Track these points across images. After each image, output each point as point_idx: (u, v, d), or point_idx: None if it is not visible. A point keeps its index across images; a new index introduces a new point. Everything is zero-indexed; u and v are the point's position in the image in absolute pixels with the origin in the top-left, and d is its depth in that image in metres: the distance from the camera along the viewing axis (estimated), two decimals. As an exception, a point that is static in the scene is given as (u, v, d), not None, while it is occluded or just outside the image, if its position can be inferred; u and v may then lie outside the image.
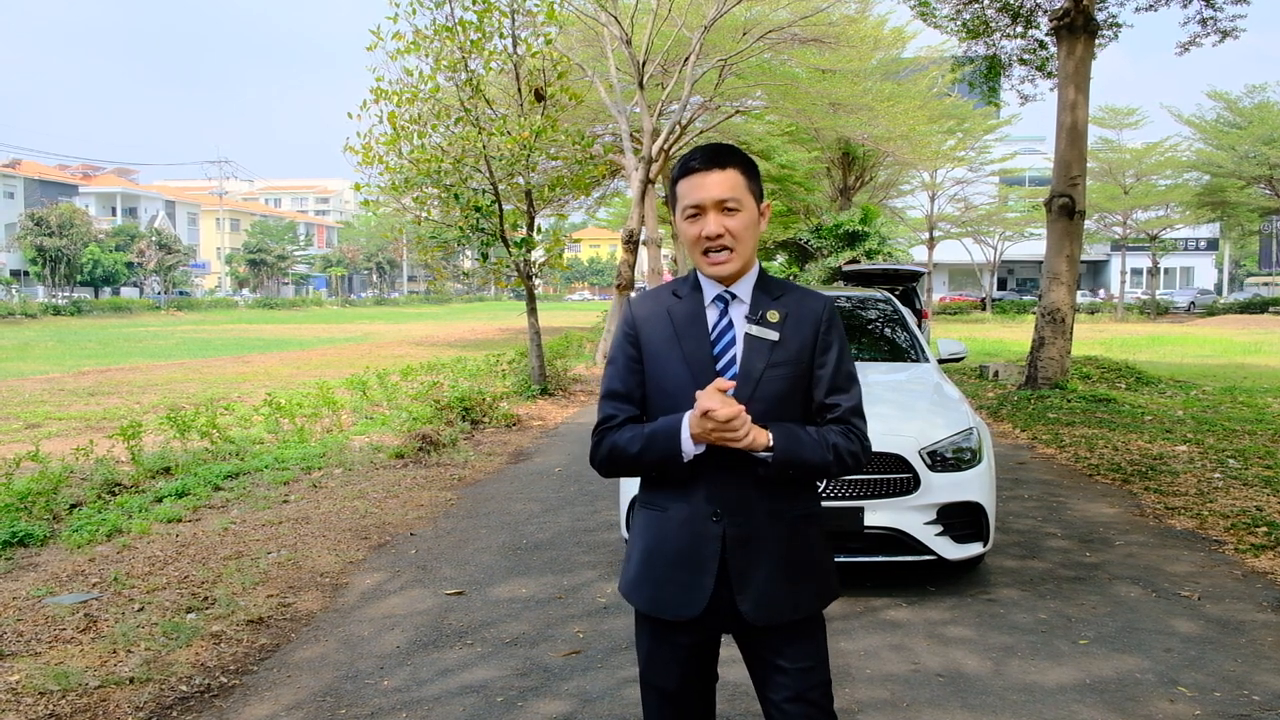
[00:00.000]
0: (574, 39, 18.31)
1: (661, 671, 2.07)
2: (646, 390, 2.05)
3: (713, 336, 2.00)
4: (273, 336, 30.23)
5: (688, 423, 1.90)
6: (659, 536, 2.02)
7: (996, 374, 14.92)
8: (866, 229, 29.16)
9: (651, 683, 2.10)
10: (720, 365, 1.98)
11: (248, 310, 59.20)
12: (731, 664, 3.77)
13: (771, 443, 1.89)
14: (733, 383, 1.90)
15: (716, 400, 1.84)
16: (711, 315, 2.03)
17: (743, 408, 1.86)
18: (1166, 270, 59.65)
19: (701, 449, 1.91)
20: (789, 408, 1.98)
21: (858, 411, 2.02)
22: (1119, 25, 14.02)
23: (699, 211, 1.97)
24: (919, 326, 8.83)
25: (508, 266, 12.25)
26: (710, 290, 2.04)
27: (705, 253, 1.98)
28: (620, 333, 2.10)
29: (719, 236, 1.95)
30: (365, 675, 3.71)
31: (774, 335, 1.98)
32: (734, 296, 2.02)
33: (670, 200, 2.08)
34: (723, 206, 1.96)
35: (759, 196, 2.03)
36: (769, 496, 1.96)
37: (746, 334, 1.98)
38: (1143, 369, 15.03)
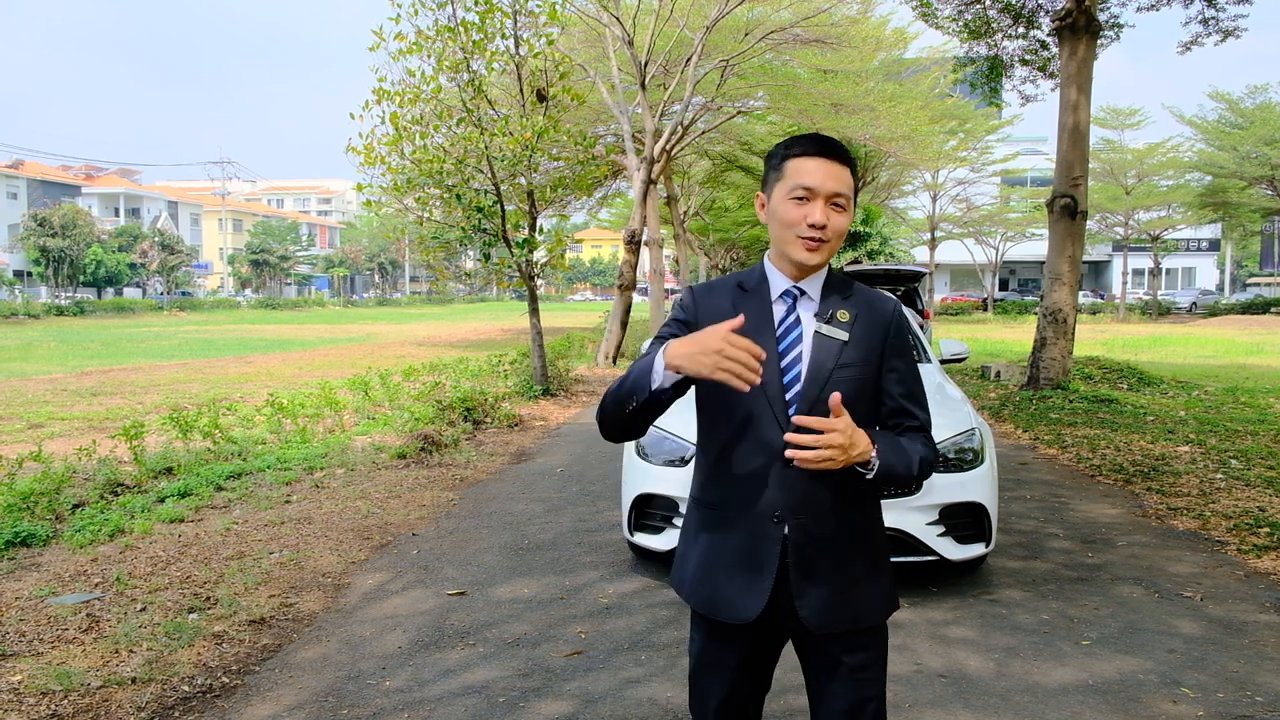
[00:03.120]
0: (576, 40, 18.31)
1: (713, 674, 2.02)
2: (703, 383, 1.94)
3: (778, 332, 1.95)
4: (275, 337, 30.25)
5: (663, 353, 1.79)
6: (717, 536, 1.97)
7: (998, 374, 14.91)
8: (868, 229, 29.18)
9: (700, 684, 2.05)
10: (785, 362, 1.93)
11: (250, 311, 59.24)
12: (733, 664, 3.77)
13: (877, 457, 1.86)
14: (836, 396, 1.81)
15: (728, 339, 1.72)
16: (778, 310, 1.96)
17: (845, 424, 1.80)
18: (1168, 271, 59.61)
19: (677, 377, 1.80)
20: (854, 410, 1.90)
21: (930, 423, 2.03)
22: (1121, 25, 14.04)
23: (809, 196, 1.91)
24: (921, 327, 8.84)
25: (510, 267, 12.26)
26: (778, 284, 1.98)
27: (805, 238, 1.92)
28: (674, 315, 2.02)
29: (823, 227, 1.90)
30: (367, 675, 3.71)
31: (844, 335, 1.93)
32: (802, 293, 1.97)
33: (768, 176, 2.00)
34: (833, 199, 1.92)
35: (855, 201, 2.01)
36: (835, 500, 1.92)
37: (816, 332, 1.93)
38: (1145, 369, 15.02)
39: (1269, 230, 55.47)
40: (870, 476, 1.87)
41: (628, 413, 1.89)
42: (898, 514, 4.48)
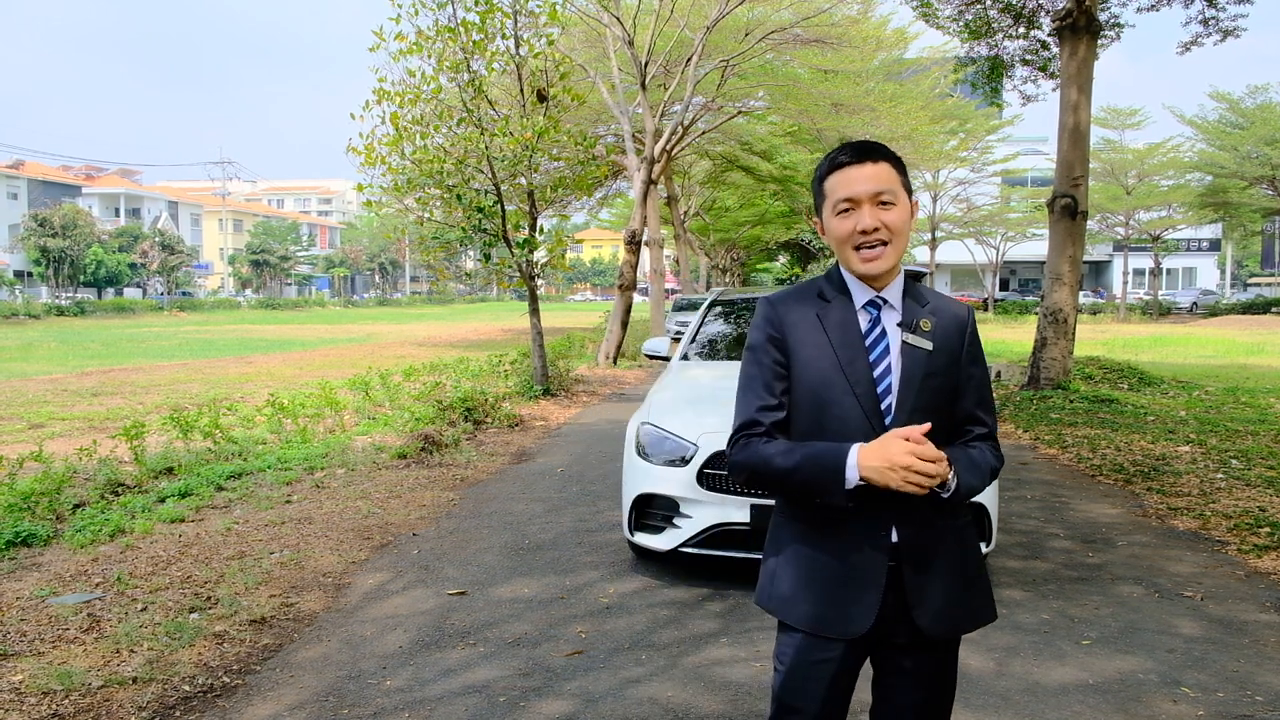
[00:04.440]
0: (576, 40, 18.32)
1: (805, 690, 1.98)
2: (794, 397, 1.96)
3: (866, 344, 1.94)
4: (275, 337, 30.26)
5: (856, 454, 1.82)
6: (818, 550, 1.95)
7: (999, 374, 14.90)
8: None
9: (789, 702, 2.00)
10: (877, 373, 1.92)
11: (250, 311, 59.25)
12: (733, 664, 3.77)
13: (954, 478, 1.87)
14: (925, 426, 1.81)
15: (914, 453, 1.79)
16: (863, 321, 1.95)
17: (942, 455, 1.82)
18: (1169, 271, 59.60)
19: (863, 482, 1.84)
20: (939, 419, 1.92)
21: (996, 430, 2.04)
22: (1121, 25, 14.04)
23: (853, 206, 1.91)
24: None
25: (510, 267, 12.26)
26: (860, 295, 1.96)
27: (858, 248, 1.91)
28: (762, 334, 2.00)
29: (875, 230, 1.89)
30: (368, 675, 3.71)
31: (929, 345, 1.93)
32: (885, 302, 1.96)
33: (816, 199, 2.01)
34: (878, 200, 1.90)
35: (909, 191, 1.97)
36: (936, 508, 1.92)
37: (904, 342, 1.92)
38: (1145, 369, 15.02)
39: (1269, 230, 55.47)
40: (946, 496, 1.87)
41: (796, 495, 1.95)
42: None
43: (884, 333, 1.94)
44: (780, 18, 18.28)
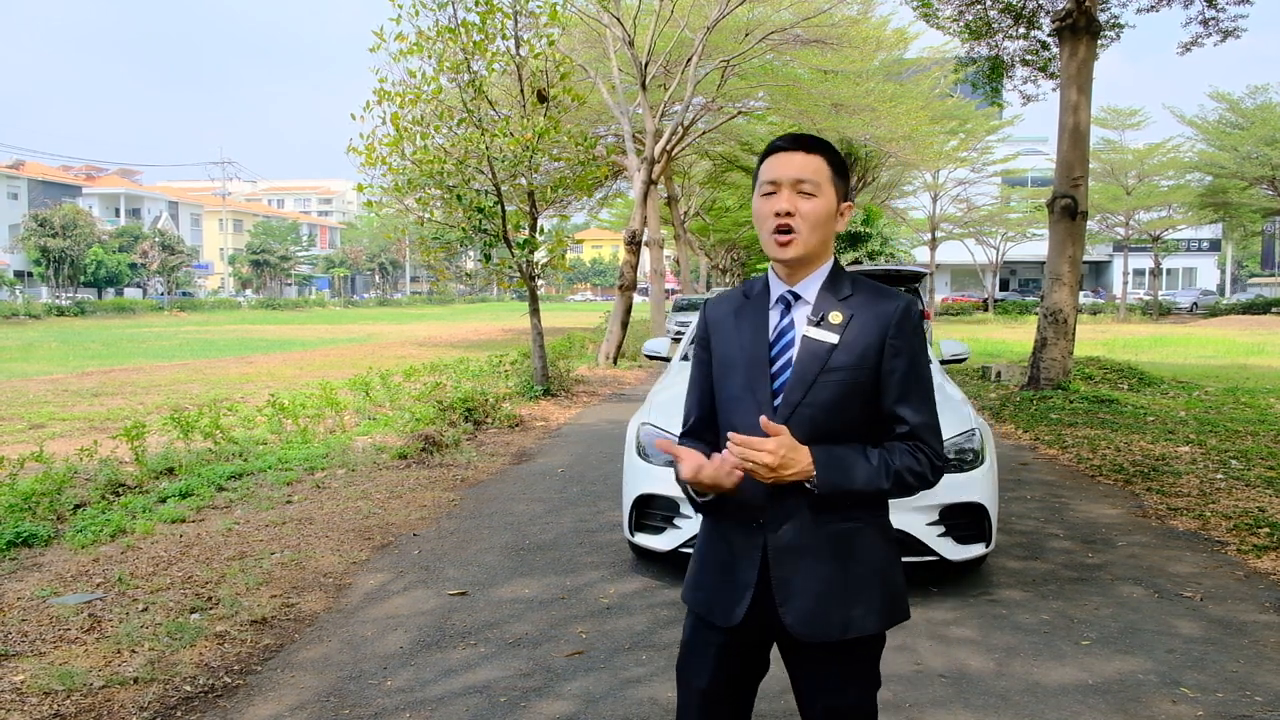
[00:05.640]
0: (577, 40, 18.33)
1: (695, 668, 2.05)
2: (716, 394, 2.03)
3: (772, 338, 1.94)
4: (276, 337, 30.26)
5: (683, 470, 1.92)
6: (711, 540, 2.03)
7: (999, 375, 14.91)
8: (869, 230, 29.18)
9: (684, 677, 2.08)
10: (775, 369, 1.92)
11: (251, 311, 59.23)
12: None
13: (815, 476, 1.82)
14: (774, 424, 1.82)
15: (739, 440, 1.82)
16: (774, 316, 1.96)
17: (776, 444, 1.80)
18: (1169, 271, 59.61)
19: (708, 496, 1.93)
20: (845, 415, 1.88)
21: (930, 428, 1.90)
22: (1121, 26, 14.04)
23: (774, 189, 1.91)
24: (921, 327, 8.84)
25: (510, 267, 12.27)
26: (776, 290, 1.98)
27: (775, 231, 1.90)
28: (697, 334, 2.11)
29: (788, 215, 1.88)
30: (369, 675, 3.71)
31: (833, 338, 1.88)
32: (797, 298, 1.95)
33: (754, 184, 2.03)
34: (799, 186, 1.89)
35: (842, 194, 1.94)
36: (816, 507, 1.87)
37: (804, 336, 1.90)
38: (1145, 370, 15.03)
39: (1269, 230, 55.49)
40: (818, 493, 1.84)
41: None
42: (898, 514, 4.46)
43: (791, 325, 1.94)
44: (780, 18, 18.30)
